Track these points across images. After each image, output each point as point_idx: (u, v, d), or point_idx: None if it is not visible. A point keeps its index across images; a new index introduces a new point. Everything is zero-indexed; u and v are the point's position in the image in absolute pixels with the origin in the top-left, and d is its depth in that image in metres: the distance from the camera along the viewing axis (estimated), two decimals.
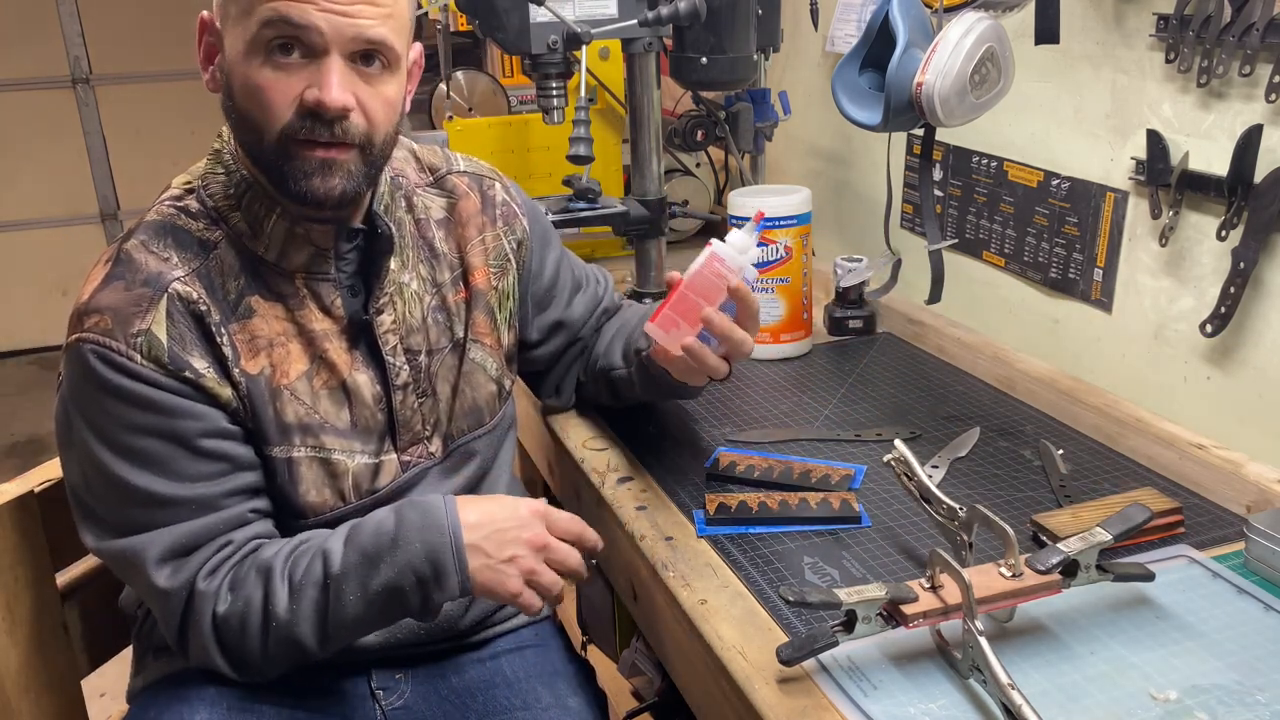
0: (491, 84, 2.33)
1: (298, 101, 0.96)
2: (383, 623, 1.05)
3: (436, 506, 1.01)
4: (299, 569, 1.01)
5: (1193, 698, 0.85)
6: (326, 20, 0.94)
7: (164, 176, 1.13)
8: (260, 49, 0.95)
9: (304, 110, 0.96)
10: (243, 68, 0.97)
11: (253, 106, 0.97)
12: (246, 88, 0.97)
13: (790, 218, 1.52)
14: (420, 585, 1.00)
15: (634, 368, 1.25)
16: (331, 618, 1.00)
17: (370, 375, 1.10)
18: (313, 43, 0.95)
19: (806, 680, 0.89)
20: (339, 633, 1.02)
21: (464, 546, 0.99)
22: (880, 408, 1.42)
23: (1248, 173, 1.23)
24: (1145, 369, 1.44)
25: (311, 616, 1.00)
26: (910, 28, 1.26)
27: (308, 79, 0.96)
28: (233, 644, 1.02)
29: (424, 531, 1.00)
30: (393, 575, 0.99)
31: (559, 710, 1.15)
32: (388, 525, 1.01)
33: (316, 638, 1.01)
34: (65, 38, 4.16)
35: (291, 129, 0.97)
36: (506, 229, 1.23)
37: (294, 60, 0.96)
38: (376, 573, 0.99)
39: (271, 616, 1.00)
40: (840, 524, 1.12)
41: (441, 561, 0.99)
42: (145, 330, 0.98)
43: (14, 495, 1.13)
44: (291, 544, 1.04)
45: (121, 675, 1.20)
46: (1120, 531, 0.93)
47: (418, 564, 0.99)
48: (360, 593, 1.00)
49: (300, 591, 1.00)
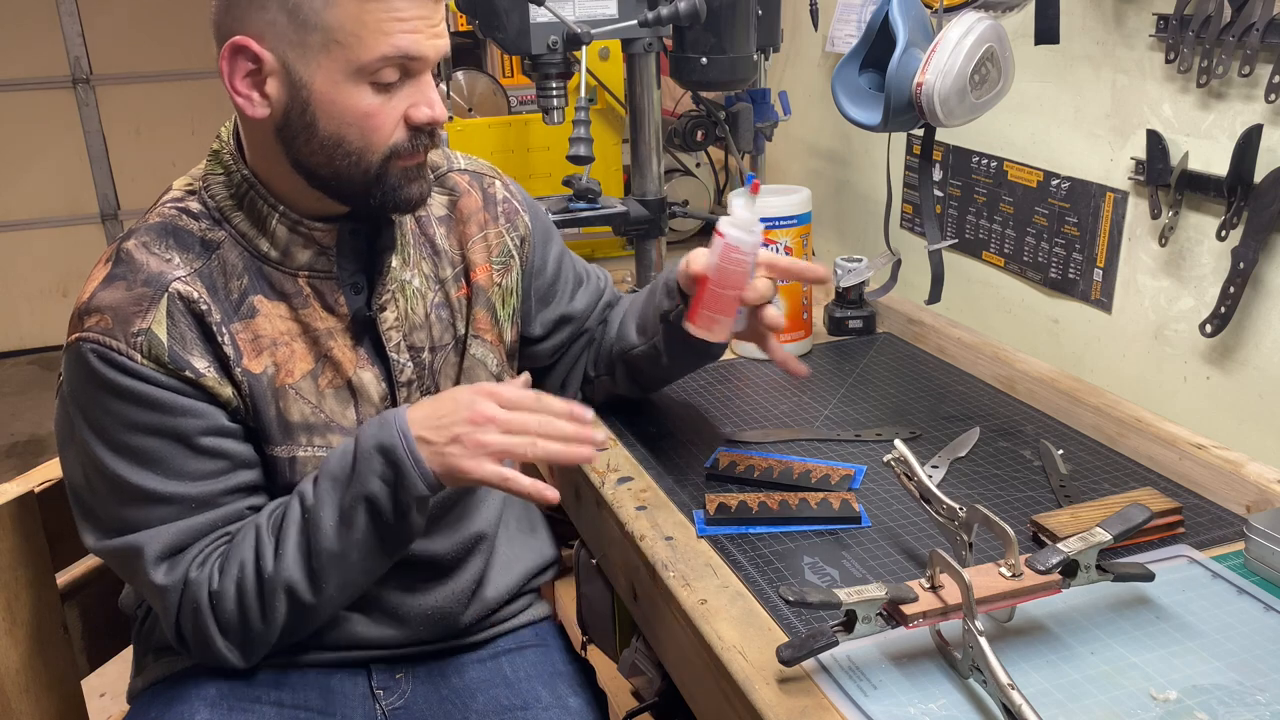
0: (491, 84, 2.33)
1: (402, 121, 1.01)
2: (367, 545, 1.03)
3: (388, 413, 1.03)
4: (278, 518, 1.03)
5: (1193, 698, 0.85)
6: (432, 47, 1.00)
7: (164, 176, 1.13)
8: (366, 77, 0.98)
9: (414, 127, 1.01)
10: (343, 96, 0.98)
11: (354, 132, 1.00)
12: (349, 114, 0.99)
13: (790, 218, 1.52)
14: (387, 488, 1.00)
15: (659, 336, 1.26)
16: (314, 549, 1.01)
17: (375, 373, 1.10)
18: (417, 68, 1.00)
19: (806, 680, 0.89)
20: (328, 566, 1.01)
21: (413, 439, 1.00)
22: (880, 408, 1.42)
23: (1248, 173, 1.23)
24: (1145, 369, 1.44)
25: (296, 555, 1.01)
26: (910, 28, 1.26)
27: (408, 98, 1.01)
28: (231, 620, 1.02)
29: (378, 437, 1.01)
30: (360, 488, 1.00)
31: (559, 710, 1.15)
32: (349, 446, 1.03)
33: (307, 578, 1.01)
34: (65, 38, 4.16)
35: (400, 146, 1.01)
36: (509, 225, 1.23)
37: (397, 84, 1.00)
38: (347, 490, 1.01)
39: (263, 571, 1.01)
40: (840, 524, 1.12)
41: (397, 458, 1.00)
42: (146, 329, 0.98)
43: (14, 495, 1.13)
44: (272, 504, 1.06)
45: (121, 675, 1.20)
46: (1120, 531, 0.93)
47: (378, 468, 1.00)
48: (336, 516, 1.01)
49: (284, 535, 1.02)
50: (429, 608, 1.17)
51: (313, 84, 0.97)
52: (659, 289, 1.26)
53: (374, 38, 0.96)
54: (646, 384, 1.36)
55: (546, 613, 1.30)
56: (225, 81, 0.99)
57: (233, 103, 1.00)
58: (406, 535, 1.04)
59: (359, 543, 1.02)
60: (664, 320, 1.24)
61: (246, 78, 0.98)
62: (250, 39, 0.96)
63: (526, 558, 1.27)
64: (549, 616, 1.30)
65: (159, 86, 4.29)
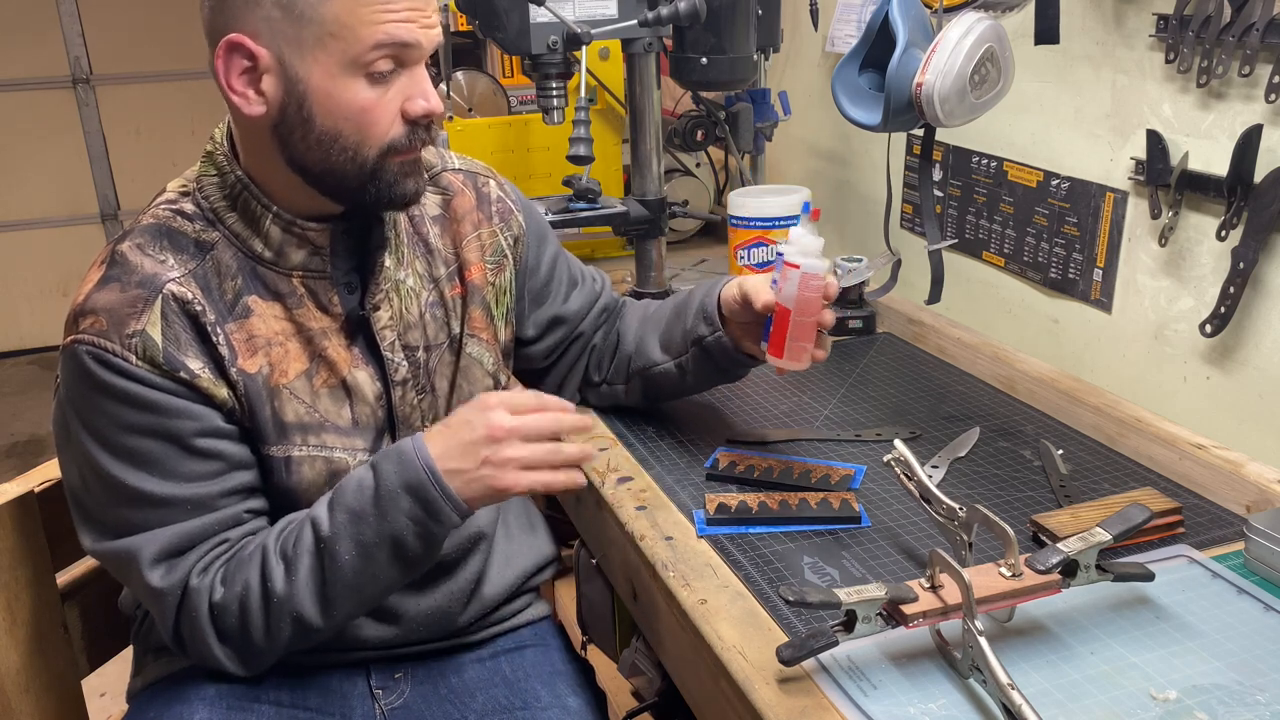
0: (491, 84, 2.33)
1: (399, 115, 1.00)
2: (386, 577, 1.03)
3: (406, 449, 1.02)
4: (290, 542, 1.02)
5: (1193, 698, 0.85)
6: (425, 35, 1.00)
7: (164, 176, 1.13)
8: (361, 69, 0.98)
9: (410, 121, 1.01)
10: (338, 89, 0.98)
11: (350, 126, 0.99)
12: (346, 108, 0.99)
13: (791, 218, 1.52)
14: (416, 526, 1.00)
15: (688, 357, 1.27)
16: (329, 580, 1.00)
17: (370, 372, 1.10)
18: (411, 57, 1.00)
19: (806, 680, 0.89)
20: (341, 596, 1.01)
21: (440, 473, 1.00)
22: (880, 408, 1.42)
23: (1247, 173, 1.23)
24: (1145, 369, 1.44)
25: (310, 583, 1.00)
26: (910, 28, 1.26)
27: (403, 91, 1.00)
28: (232, 633, 1.02)
29: (403, 476, 1.00)
30: (387, 526, 1.00)
31: (558, 710, 1.15)
32: (368, 481, 1.02)
33: (318, 605, 1.01)
34: (65, 38, 4.16)
35: (398, 141, 1.01)
36: (503, 225, 1.23)
37: (391, 76, 1.00)
38: (368, 526, 1.00)
39: (271, 594, 1.00)
40: (840, 524, 1.12)
41: (427, 496, 0.99)
42: (140, 331, 0.98)
43: (14, 495, 1.13)
44: (280, 525, 1.05)
45: (121, 675, 1.20)
46: (1120, 531, 0.93)
47: (406, 507, 1.00)
48: (355, 550, 1.00)
49: (295, 562, 1.01)
50: (428, 607, 1.17)
51: (309, 79, 0.97)
52: (691, 313, 1.26)
53: (367, 28, 0.96)
54: (661, 398, 1.37)
55: (546, 612, 1.30)
56: (220, 80, 0.99)
57: (228, 102, 1.00)
58: (429, 561, 1.05)
59: (377, 576, 1.02)
60: (697, 344, 1.25)
61: (242, 75, 0.98)
62: (245, 36, 0.96)
63: (525, 556, 1.27)
64: (548, 616, 1.30)
65: (159, 86, 4.29)
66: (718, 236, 2.20)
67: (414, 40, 0.98)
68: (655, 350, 1.30)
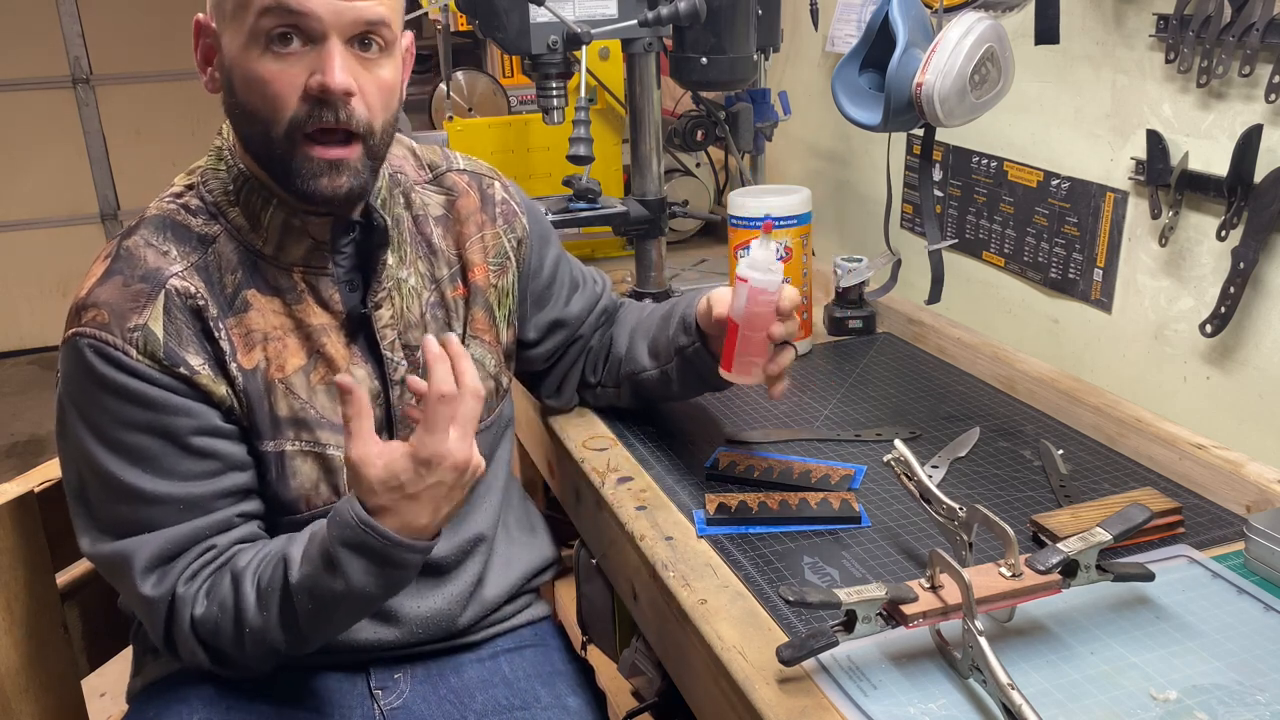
0: (491, 84, 2.33)
1: (302, 91, 0.96)
2: (361, 611, 1.04)
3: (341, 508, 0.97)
4: (265, 574, 1.00)
5: (1193, 698, 0.85)
6: (325, 5, 0.95)
7: (164, 176, 1.13)
8: (259, 40, 0.96)
9: (309, 97, 0.96)
10: (243, 62, 0.97)
11: (257, 100, 0.97)
12: (249, 81, 0.97)
13: (790, 218, 1.52)
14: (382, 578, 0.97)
15: (673, 365, 1.26)
16: (301, 619, 0.99)
17: (368, 370, 1.10)
18: (312, 29, 0.95)
19: (806, 680, 0.89)
20: (316, 630, 1.01)
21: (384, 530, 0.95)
22: (880, 408, 1.42)
23: (1248, 173, 1.22)
24: (1145, 369, 1.44)
25: (279, 621, 1.00)
26: (910, 28, 1.26)
27: (310, 66, 0.96)
28: (213, 644, 1.02)
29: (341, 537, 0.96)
30: (348, 585, 0.96)
31: (558, 710, 1.15)
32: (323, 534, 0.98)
33: (289, 642, 1.01)
34: (65, 38, 4.16)
35: (299, 119, 0.97)
36: (506, 227, 1.23)
37: (294, 49, 0.96)
38: (329, 582, 0.97)
39: (244, 622, 1.00)
40: (840, 524, 1.12)
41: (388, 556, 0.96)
42: (142, 325, 0.98)
43: (14, 495, 1.13)
44: (262, 550, 1.03)
45: (121, 675, 1.20)
46: (1120, 531, 0.93)
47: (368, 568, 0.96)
48: (323, 601, 0.98)
49: (267, 597, 0.99)
50: (428, 610, 1.16)
51: (229, 51, 0.99)
52: (674, 321, 1.26)
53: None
54: (652, 402, 1.37)
55: (546, 612, 1.30)
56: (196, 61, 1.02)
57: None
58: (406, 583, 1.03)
59: (352, 612, 1.03)
60: (680, 354, 1.25)
61: (204, 55, 1.02)
62: (210, 16, 1.00)
63: (526, 558, 1.27)
64: (548, 616, 1.30)
65: (159, 86, 4.29)
66: (718, 236, 2.20)
67: (303, 8, 0.94)
68: (644, 356, 1.30)
